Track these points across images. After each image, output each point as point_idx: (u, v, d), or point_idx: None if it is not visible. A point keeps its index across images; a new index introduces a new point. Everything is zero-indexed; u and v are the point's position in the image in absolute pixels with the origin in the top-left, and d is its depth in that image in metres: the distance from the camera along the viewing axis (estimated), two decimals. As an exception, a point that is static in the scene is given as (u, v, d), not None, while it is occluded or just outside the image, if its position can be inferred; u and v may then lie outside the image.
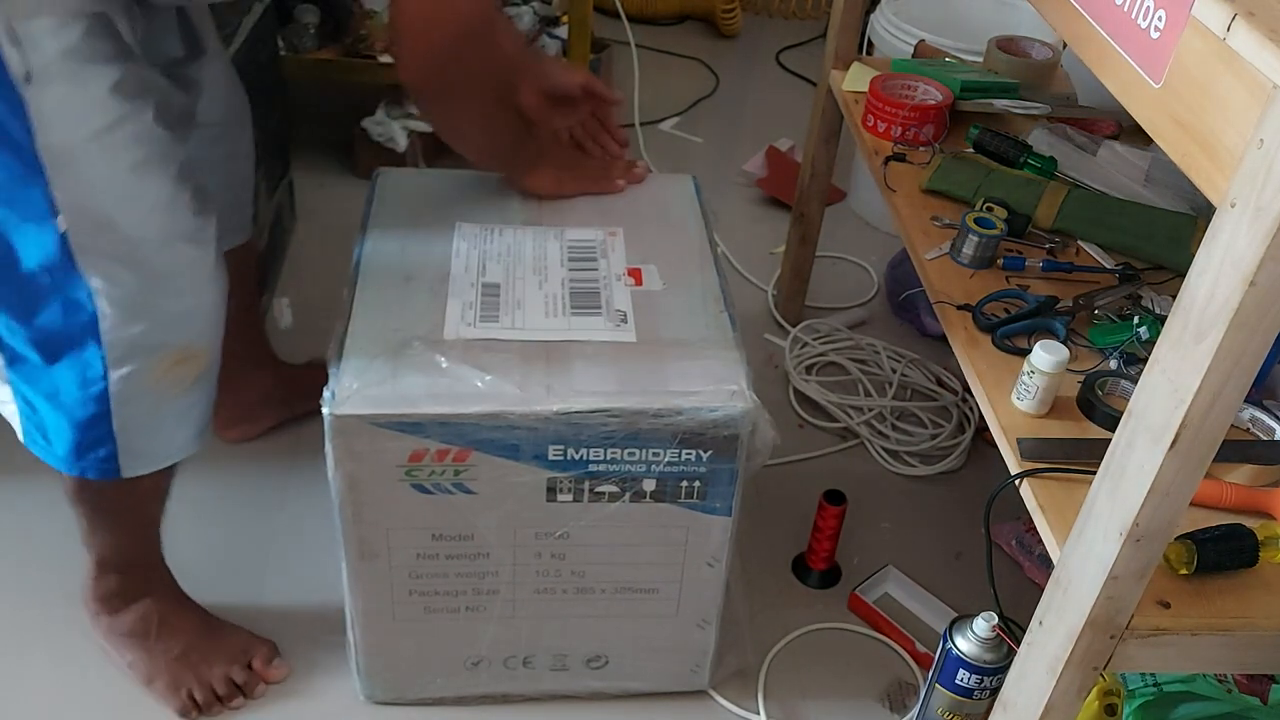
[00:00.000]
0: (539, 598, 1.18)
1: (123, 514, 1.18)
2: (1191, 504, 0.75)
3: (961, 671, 1.16)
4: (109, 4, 0.94)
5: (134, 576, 1.25)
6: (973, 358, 1.12)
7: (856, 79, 1.62)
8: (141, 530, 1.21)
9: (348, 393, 1.02)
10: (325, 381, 1.03)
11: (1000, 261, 1.25)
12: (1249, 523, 0.91)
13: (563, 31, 2.23)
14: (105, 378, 1.01)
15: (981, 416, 1.67)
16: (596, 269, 1.20)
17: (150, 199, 0.98)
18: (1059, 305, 1.17)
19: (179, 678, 1.24)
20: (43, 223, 0.94)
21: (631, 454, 1.07)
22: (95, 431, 1.05)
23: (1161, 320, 1.03)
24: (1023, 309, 1.17)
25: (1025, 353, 1.03)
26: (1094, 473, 0.79)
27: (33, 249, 0.96)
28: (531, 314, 1.13)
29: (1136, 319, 1.15)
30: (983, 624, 1.14)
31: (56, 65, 0.90)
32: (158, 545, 1.25)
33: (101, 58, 0.93)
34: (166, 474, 1.15)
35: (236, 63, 1.36)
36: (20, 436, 1.09)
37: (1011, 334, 1.13)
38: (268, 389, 1.58)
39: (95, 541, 1.20)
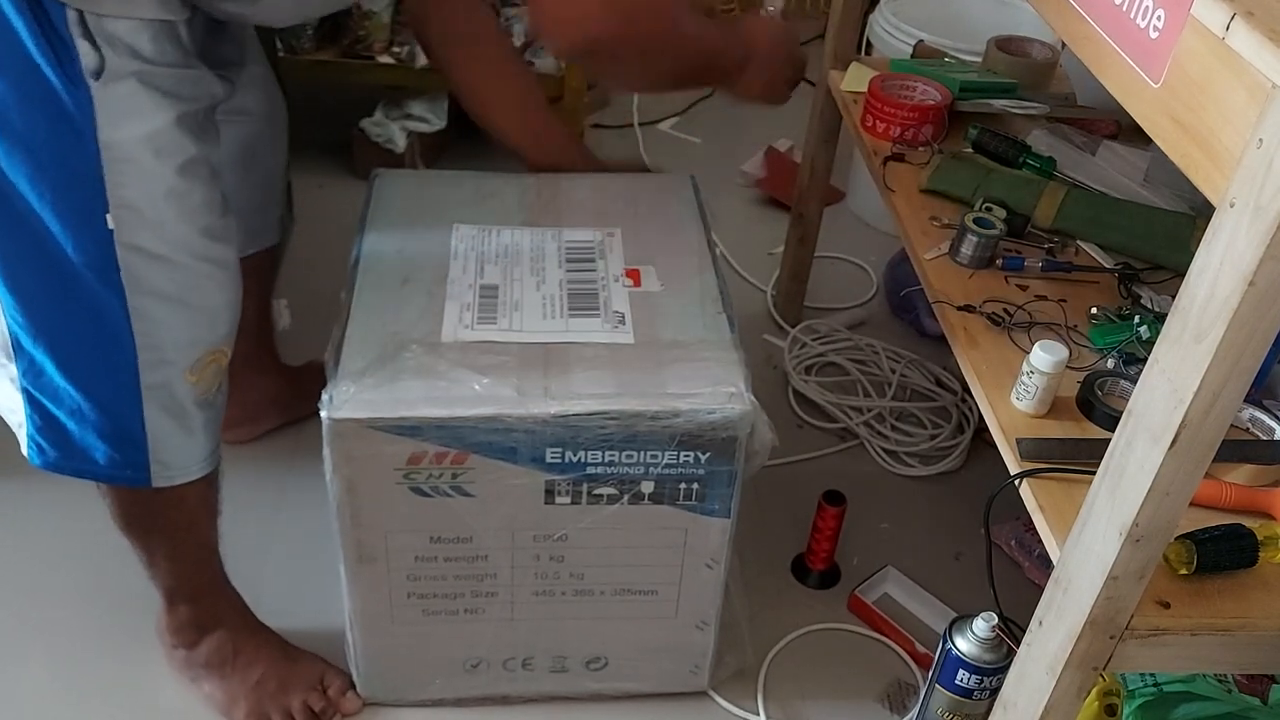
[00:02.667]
0: (538, 600, 1.18)
1: (174, 535, 1.17)
2: (1191, 504, 0.75)
3: (961, 672, 1.16)
4: (176, 12, 0.96)
5: (204, 606, 1.25)
6: (972, 358, 1.11)
7: (855, 79, 1.62)
8: (198, 554, 1.21)
9: (345, 396, 1.02)
10: (323, 383, 1.03)
11: (999, 261, 1.25)
12: (1249, 523, 0.91)
13: (561, 32, 2.23)
14: (138, 382, 1.02)
15: (981, 416, 1.67)
16: (594, 270, 1.20)
17: (195, 199, 1.00)
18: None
19: (259, 706, 1.24)
20: (93, 218, 0.95)
21: (630, 456, 1.06)
22: (127, 436, 1.04)
23: (1161, 320, 1.03)
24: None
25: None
26: (1094, 473, 0.79)
27: (78, 247, 0.96)
28: (529, 316, 1.13)
29: (1136, 319, 1.15)
30: (983, 624, 1.14)
31: (126, 64, 0.92)
32: (221, 572, 1.25)
33: (165, 61, 0.96)
34: (210, 491, 1.15)
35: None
36: (23, 449, 1.08)
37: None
38: (273, 392, 1.58)
39: (157, 571, 1.20)
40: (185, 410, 1.06)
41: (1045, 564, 1.42)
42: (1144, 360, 0.87)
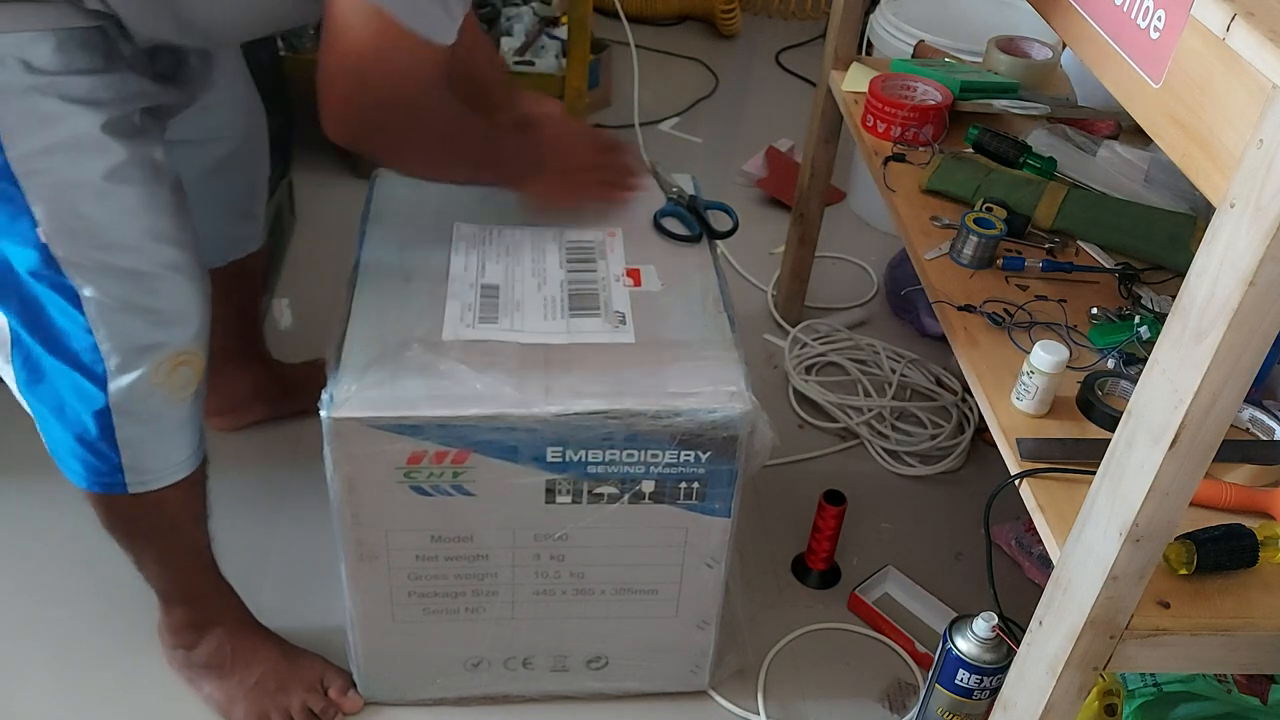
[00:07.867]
0: (538, 599, 1.18)
1: (158, 538, 1.16)
2: (1191, 504, 0.75)
3: (961, 671, 1.16)
4: (81, 20, 0.93)
5: (200, 607, 1.25)
6: (972, 358, 1.11)
7: (856, 79, 1.62)
8: (187, 556, 1.20)
9: (346, 395, 1.02)
10: (317, 382, 1.03)
11: (1000, 261, 1.25)
12: (1249, 523, 0.91)
13: (562, 32, 2.23)
14: (105, 389, 1.01)
15: (981, 416, 1.67)
16: (595, 270, 1.20)
17: (127, 203, 0.97)
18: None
19: (258, 706, 1.24)
20: (25, 234, 0.94)
21: (630, 455, 1.06)
22: (99, 444, 1.04)
23: (1161, 320, 1.03)
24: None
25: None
26: (1094, 473, 0.79)
27: (23, 263, 0.96)
28: (530, 315, 1.13)
29: (1136, 319, 1.15)
30: (983, 624, 1.14)
31: (23, 79, 0.90)
32: (215, 573, 1.25)
33: (76, 68, 0.93)
34: (193, 494, 1.15)
35: (236, 64, 1.36)
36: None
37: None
38: (257, 385, 1.59)
39: (148, 574, 1.20)
40: (156, 415, 1.05)
41: (1045, 564, 1.42)
42: (1144, 360, 0.87)
